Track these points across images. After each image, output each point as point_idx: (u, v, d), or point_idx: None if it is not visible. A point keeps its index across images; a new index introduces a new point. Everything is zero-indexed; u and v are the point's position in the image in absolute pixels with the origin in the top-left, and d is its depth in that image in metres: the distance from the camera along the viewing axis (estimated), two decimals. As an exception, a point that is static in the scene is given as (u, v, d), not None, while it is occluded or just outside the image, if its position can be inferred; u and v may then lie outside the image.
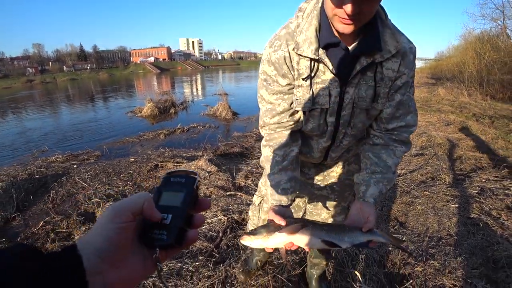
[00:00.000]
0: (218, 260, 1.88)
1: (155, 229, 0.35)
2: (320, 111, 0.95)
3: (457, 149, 4.09)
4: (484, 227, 2.14)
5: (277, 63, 0.91)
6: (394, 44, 0.85)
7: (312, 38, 0.85)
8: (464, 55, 13.29)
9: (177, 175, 0.40)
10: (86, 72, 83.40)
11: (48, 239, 2.54)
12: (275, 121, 0.99)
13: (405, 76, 0.91)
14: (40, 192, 3.57)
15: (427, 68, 33.06)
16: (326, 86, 0.90)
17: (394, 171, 0.99)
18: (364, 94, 0.91)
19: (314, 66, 0.88)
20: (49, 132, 8.18)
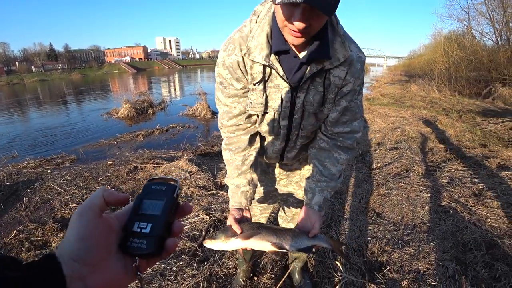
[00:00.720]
0: (202, 259, 1.88)
1: (135, 238, 0.35)
2: (274, 114, 0.98)
3: (429, 142, 4.31)
4: (453, 214, 2.28)
5: (231, 67, 0.92)
6: (343, 53, 0.87)
7: (263, 44, 0.85)
8: (434, 54, 13.99)
9: (158, 183, 0.39)
10: (57, 73, 79.28)
11: (23, 248, 2.42)
12: (232, 123, 1.02)
13: (351, 84, 0.93)
14: (11, 200, 3.39)
15: (400, 66, 34.41)
16: (278, 90, 0.93)
17: (338, 177, 1.08)
18: (312, 99, 0.94)
19: (267, 71, 0.91)
20: (18, 136, 7.72)
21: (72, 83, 44.05)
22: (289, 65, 0.88)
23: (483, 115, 7.15)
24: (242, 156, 1.04)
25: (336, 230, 2.17)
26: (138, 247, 0.35)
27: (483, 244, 1.92)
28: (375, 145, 4.36)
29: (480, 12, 11.94)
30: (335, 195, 2.76)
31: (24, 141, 7.10)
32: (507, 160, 3.53)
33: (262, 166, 1.29)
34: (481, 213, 2.30)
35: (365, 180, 3.06)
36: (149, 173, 3.79)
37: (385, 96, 11.04)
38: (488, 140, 4.66)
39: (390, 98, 10.55)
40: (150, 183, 0.40)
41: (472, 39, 12.41)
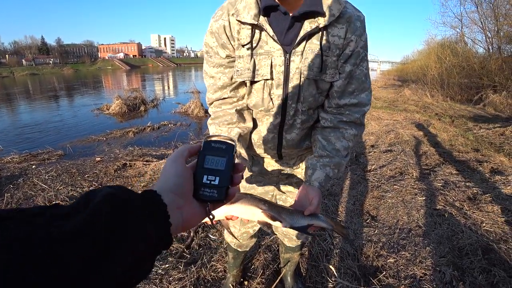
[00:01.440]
0: (189, 261, 1.78)
1: (206, 188, 0.43)
2: (264, 84, 0.90)
3: (423, 145, 4.30)
4: (449, 218, 2.24)
5: (217, 32, 0.88)
6: (337, 7, 0.82)
7: (252, 4, 0.82)
8: (427, 59, 14.17)
9: (217, 141, 0.46)
10: (48, 67, 77.89)
11: None
12: (217, 96, 0.96)
13: (353, 43, 0.86)
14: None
15: (394, 71, 34.83)
16: (268, 56, 0.86)
17: (345, 155, 0.93)
18: (310, 63, 0.86)
19: (255, 34, 0.85)
20: (4, 130, 7.49)
21: (63, 78, 43.25)
22: (279, 24, 0.83)
23: (475, 120, 7.23)
24: (228, 128, 0.93)
25: (330, 233, 2.09)
26: (210, 195, 0.43)
27: (479, 249, 1.88)
28: (369, 147, 4.33)
29: (473, 20, 12.16)
30: (329, 196, 2.69)
31: (10, 135, 6.87)
32: (500, 164, 3.54)
33: (259, 166, 1.17)
34: (476, 217, 2.26)
35: (360, 182, 3.00)
36: (138, 170, 3.67)
37: (378, 100, 11.10)
38: (480, 145, 4.68)
39: (383, 101, 10.61)
40: (210, 141, 0.46)
41: (465, 46, 12.63)
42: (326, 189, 0.78)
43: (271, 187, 1.23)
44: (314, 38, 0.85)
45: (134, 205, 0.31)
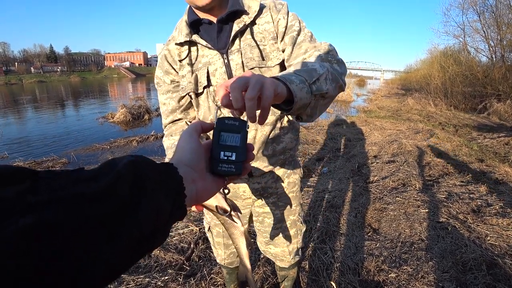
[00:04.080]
0: (189, 274, 1.77)
1: (224, 164, 0.45)
2: (207, 92, 0.96)
3: (426, 156, 4.26)
4: (452, 231, 2.20)
5: (161, 63, 0.99)
6: (255, 3, 0.90)
7: (183, 27, 0.91)
8: (430, 68, 14.16)
9: (230, 118, 0.47)
10: (56, 75, 79.33)
11: None
12: (170, 119, 1.05)
13: (282, 20, 0.91)
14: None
15: (397, 80, 34.87)
16: (205, 64, 0.93)
17: (321, 70, 0.70)
18: (250, 55, 0.91)
19: (192, 51, 0.94)
20: (9, 137, 7.57)
21: (70, 85, 43.97)
22: (209, 34, 0.91)
23: (479, 130, 7.18)
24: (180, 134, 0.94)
25: (331, 246, 2.07)
26: (228, 170, 0.45)
27: (484, 263, 1.84)
28: (371, 157, 4.30)
29: (475, 29, 12.19)
30: (330, 208, 2.67)
31: (15, 142, 6.95)
32: (505, 175, 3.49)
33: (232, 190, 1.13)
34: (481, 230, 2.22)
35: (362, 193, 2.98)
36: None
37: (382, 109, 11.08)
38: (484, 155, 4.63)
39: (387, 111, 10.59)
40: (223, 118, 0.47)
41: (468, 55, 12.63)
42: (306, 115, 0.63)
43: (247, 210, 1.20)
44: (246, 34, 0.91)
45: (152, 176, 0.32)
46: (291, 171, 1.15)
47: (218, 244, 1.30)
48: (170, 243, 2.15)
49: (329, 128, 6.61)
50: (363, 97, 18.26)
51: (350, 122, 7.37)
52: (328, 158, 4.51)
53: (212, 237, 1.30)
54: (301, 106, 0.61)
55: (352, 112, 10.80)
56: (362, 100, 15.87)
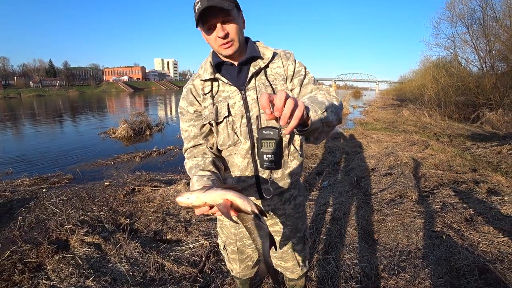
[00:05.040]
0: (202, 285, 1.89)
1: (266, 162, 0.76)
2: (226, 122, 1.11)
3: (421, 167, 4.43)
4: (447, 239, 2.35)
5: (186, 95, 1.15)
6: (268, 51, 1.11)
7: (208, 67, 1.10)
8: (423, 79, 14.55)
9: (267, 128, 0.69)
10: (54, 89, 79.58)
11: (16, 270, 2.35)
12: (192, 144, 1.18)
13: (291, 66, 1.11)
14: (4, 218, 3.32)
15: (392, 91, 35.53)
16: (225, 99, 1.10)
17: (328, 103, 0.90)
18: (265, 91, 1.08)
19: (214, 86, 1.11)
20: (12, 152, 7.67)
21: (69, 100, 44.15)
22: (230, 73, 1.10)
23: (473, 139, 7.39)
24: (202, 158, 1.11)
25: (334, 257, 2.21)
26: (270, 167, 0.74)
27: (476, 269, 1.98)
28: (369, 170, 4.47)
29: (465, 40, 12.61)
30: (331, 221, 2.81)
31: (18, 158, 7.04)
32: (497, 184, 3.65)
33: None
34: (473, 238, 2.37)
35: (361, 206, 3.13)
36: (146, 196, 3.80)
37: (378, 121, 11.34)
38: (478, 165, 4.82)
39: (383, 122, 10.83)
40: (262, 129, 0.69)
41: (459, 66, 13.00)
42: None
43: None
44: (261, 75, 1.10)
45: None
46: (297, 194, 1.30)
47: (233, 260, 1.44)
48: (182, 256, 2.28)
49: (327, 142, 6.80)
50: (360, 109, 18.59)
51: (347, 135, 7.57)
52: (327, 172, 4.67)
53: (227, 254, 1.44)
54: (312, 129, 0.79)
55: (349, 125, 11.03)
56: (358, 112, 16.16)
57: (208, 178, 0.97)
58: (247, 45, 1.10)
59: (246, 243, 1.34)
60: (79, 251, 2.53)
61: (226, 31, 0.98)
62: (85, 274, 2.16)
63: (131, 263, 2.27)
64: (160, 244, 2.59)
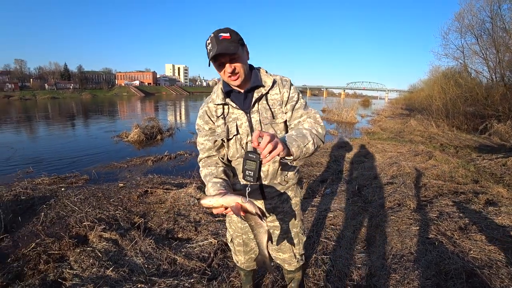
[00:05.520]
0: (211, 277, 2.11)
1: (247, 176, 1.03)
2: (235, 138, 1.35)
3: (423, 177, 4.56)
4: (439, 245, 2.50)
5: (202, 115, 1.41)
6: (269, 79, 1.34)
7: (219, 92, 1.36)
8: (431, 90, 14.57)
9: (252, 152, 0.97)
10: (68, 92, 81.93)
11: (41, 260, 2.58)
12: (206, 155, 1.43)
13: (286, 93, 1.35)
14: (28, 214, 3.57)
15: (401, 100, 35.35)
16: (234, 121, 1.35)
17: (310, 134, 1.21)
18: (265, 115, 1.34)
19: (225, 109, 1.37)
20: (32, 152, 8.08)
21: (82, 102, 45.37)
22: (238, 99, 1.35)
23: (479, 150, 7.42)
24: (215, 167, 1.37)
25: (331, 257, 2.39)
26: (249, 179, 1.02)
27: (464, 273, 2.13)
28: (371, 179, 4.62)
29: (474, 51, 12.59)
30: (331, 226, 2.99)
31: (37, 158, 7.42)
32: (496, 196, 3.76)
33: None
34: (465, 245, 2.51)
35: (360, 213, 3.30)
36: (159, 197, 4.04)
37: (385, 131, 11.42)
38: (480, 176, 4.90)
39: (389, 132, 10.91)
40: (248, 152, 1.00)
41: (468, 77, 12.98)
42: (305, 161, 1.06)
43: None
44: (262, 100, 1.34)
45: None
46: (293, 195, 1.55)
47: (238, 252, 1.68)
48: (192, 253, 2.51)
49: (332, 151, 6.96)
50: (368, 118, 18.63)
51: (353, 145, 7.71)
52: (331, 180, 4.84)
53: (234, 246, 1.69)
54: (294, 159, 1.12)
55: (356, 134, 11.15)
56: (366, 122, 16.22)
57: (220, 184, 1.24)
58: (252, 73, 1.34)
59: (251, 236, 1.57)
60: (98, 245, 2.76)
61: (233, 67, 1.22)
62: (105, 265, 2.39)
63: (146, 257, 2.49)
64: (172, 241, 2.82)
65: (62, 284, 2.21)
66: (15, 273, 2.40)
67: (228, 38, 1.18)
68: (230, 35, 1.19)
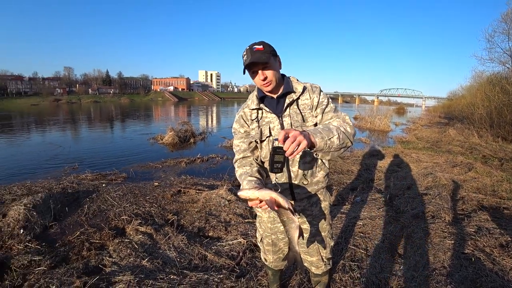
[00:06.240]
0: (239, 275, 2.20)
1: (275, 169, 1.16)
2: (267, 140, 1.44)
3: (461, 190, 4.32)
4: (476, 262, 2.37)
5: (238, 120, 1.54)
6: (300, 86, 1.44)
7: (254, 99, 1.48)
8: (474, 97, 13.60)
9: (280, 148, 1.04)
10: (109, 96, 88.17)
11: (84, 247, 2.85)
12: (241, 156, 1.53)
13: (316, 98, 1.43)
14: (73, 205, 3.93)
15: (440, 107, 33.31)
16: (267, 124, 1.44)
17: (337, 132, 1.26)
18: (296, 119, 1.42)
19: (259, 113, 1.48)
20: (77, 151, 8.84)
21: (120, 106, 48.45)
22: (271, 104, 1.46)
23: (528, 165, 6.81)
24: (249, 167, 1.46)
25: (358, 264, 2.37)
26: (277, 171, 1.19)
27: (503, 293, 2.01)
28: (404, 189, 4.46)
29: (524, 54, 11.60)
30: (360, 233, 2.96)
31: (81, 156, 8.09)
32: (545, 214, 3.46)
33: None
34: (506, 263, 2.36)
35: (390, 222, 3.21)
36: (191, 197, 4.23)
37: (420, 140, 10.89)
38: (528, 192, 4.52)
39: (425, 142, 10.38)
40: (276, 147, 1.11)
41: (517, 82, 11.95)
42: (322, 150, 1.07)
43: None
44: (293, 105, 1.43)
45: None
46: (322, 199, 1.60)
47: (268, 251, 1.75)
48: (222, 250, 2.63)
49: (364, 159, 6.80)
50: (402, 126, 17.86)
51: (385, 153, 7.47)
52: (361, 188, 4.74)
53: (263, 246, 1.77)
54: (318, 150, 1.20)
55: (389, 143, 10.75)
56: (400, 130, 15.57)
57: (255, 182, 1.33)
58: (284, 81, 1.45)
59: (279, 237, 1.63)
60: (134, 238, 2.97)
61: (265, 75, 1.34)
62: (141, 256, 2.58)
63: (178, 252, 2.65)
64: (203, 239, 2.96)
65: (102, 270, 2.42)
66: (62, 257, 2.68)
67: (261, 49, 1.30)
68: (263, 47, 1.31)
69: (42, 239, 3.00)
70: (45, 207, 3.63)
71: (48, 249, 2.80)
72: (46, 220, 3.36)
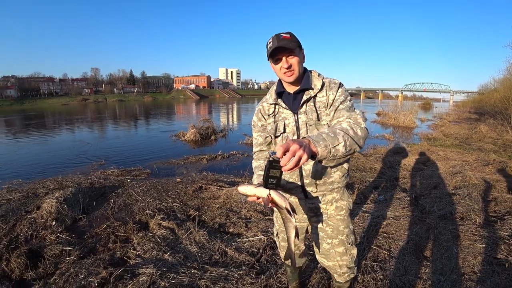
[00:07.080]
0: (259, 271, 2.21)
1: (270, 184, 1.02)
2: (282, 137, 1.44)
3: (494, 190, 4.07)
4: (510, 268, 2.24)
5: (257, 113, 1.54)
6: (319, 82, 1.39)
7: (273, 93, 1.48)
8: (508, 91, 12.74)
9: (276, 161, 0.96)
10: (132, 95, 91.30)
11: (110, 239, 2.99)
12: (258, 149, 1.56)
13: (332, 95, 1.37)
14: (100, 199, 4.14)
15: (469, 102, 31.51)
16: (283, 120, 1.44)
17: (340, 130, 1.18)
18: (310, 117, 1.38)
19: (276, 108, 1.47)
20: (102, 148, 9.25)
21: (144, 104, 50.06)
22: (288, 99, 1.45)
23: None
24: (264, 160, 1.48)
25: (381, 266, 2.31)
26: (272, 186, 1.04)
27: (540, 302, 1.88)
28: (430, 188, 4.27)
29: None
30: (383, 233, 2.87)
31: (108, 152, 8.46)
32: None
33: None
34: (544, 271, 2.21)
35: (416, 223, 3.09)
36: (212, 193, 4.30)
37: (448, 137, 10.36)
38: None
39: (454, 139, 9.87)
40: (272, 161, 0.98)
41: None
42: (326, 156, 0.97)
43: (305, 223, 1.64)
44: (310, 102, 1.39)
45: None
46: (339, 198, 1.54)
47: (283, 247, 1.74)
48: (242, 247, 2.66)
49: (387, 157, 6.59)
50: (428, 122, 17.07)
51: (410, 151, 7.18)
52: (384, 186, 4.60)
53: (279, 241, 1.76)
54: (321, 159, 1.09)
55: (415, 140, 10.31)
56: (426, 126, 14.89)
57: None
58: (304, 76, 1.41)
59: None
60: (157, 232, 3.07)
61: (289, 63, 1.31)
62: (163, 250, 2.67)
63: (199, 247, 2.71)
64: (224, 234, 3.01)
65: (127, 262, 2.53)
66: (90, 248, 2.83)
67: (288, 38, 1.28)
68: (290, 36, 1.29)
69: (72, 231, 3.18)
70: (75, 200, 3.85)
71: (77, 240, 2.97)
72: (75, 213, 3.56)
